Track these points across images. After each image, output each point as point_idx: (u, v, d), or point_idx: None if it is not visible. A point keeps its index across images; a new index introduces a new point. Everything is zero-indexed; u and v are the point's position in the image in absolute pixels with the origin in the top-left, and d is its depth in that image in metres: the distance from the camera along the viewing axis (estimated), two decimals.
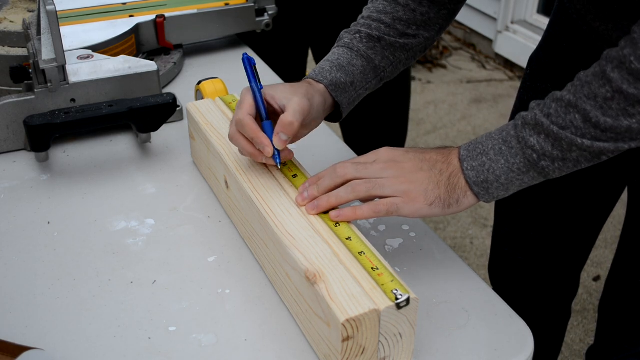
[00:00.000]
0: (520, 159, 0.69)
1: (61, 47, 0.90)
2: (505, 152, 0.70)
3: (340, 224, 0.71)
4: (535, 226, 1.11)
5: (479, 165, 0.70)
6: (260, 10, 1.26)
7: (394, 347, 0.64)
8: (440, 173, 0.72)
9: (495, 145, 0.70)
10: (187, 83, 1.17)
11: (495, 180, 0.70)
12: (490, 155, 0.70)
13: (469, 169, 0.71)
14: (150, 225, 0.85)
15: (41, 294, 0.75)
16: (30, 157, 0.97)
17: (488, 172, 0.70)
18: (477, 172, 0.70)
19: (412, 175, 0.71)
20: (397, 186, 0.71)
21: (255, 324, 0.71)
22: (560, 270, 1.16)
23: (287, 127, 0.74)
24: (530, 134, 0.68)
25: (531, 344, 0.70)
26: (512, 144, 0.69)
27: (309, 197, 0.73)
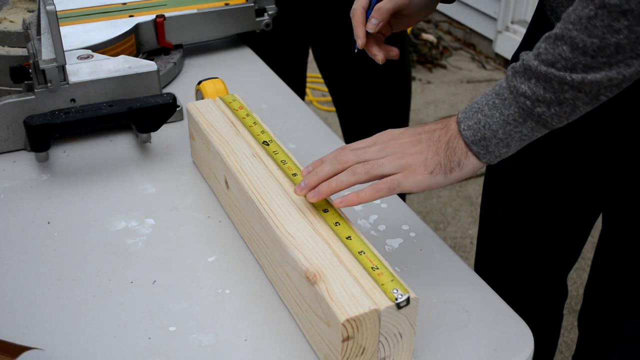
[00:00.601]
0: (514, 109, 0.67)
1: (61, 47, 0.90)
2: (498, 105, 0.68)
3: (340, 224, 0.71)
4: (516, 229, 1.10)
5: (474, 124, 0.69)
6: (260, 10, 1.26)
7: (394, 347, 0.64)
8: (439, 140, 0.71)
9: (489, 100, 0.69)
10: (187, 83, 1.17)
11: (493, 136, 0.68)
12: (485, 111, 0.69)
13: (465, 129, 0.69)
14: (150, 225, 0.85)
15: (41, 294, 0.75)
16: (30, 157, 0.97)
17: (484, 128, 0.68)
18: (473, 131, 0.69)
19: (410, 149, 0.71)
20: (396, 162, 0.70)
21: (255, 324, 0.71)
22: (544, 274, 1.16)
23: (377, 11, 0.86)
24: (521, 81, 0.67)
25: (531, 344, 0.70)
26: (505, 95, 0.68)
27: (306, 185, 0.73)
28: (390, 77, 1.43)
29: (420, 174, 0.70)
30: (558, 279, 1.18)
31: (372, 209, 0.88)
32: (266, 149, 0.82)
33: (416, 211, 1.50)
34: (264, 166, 0.79)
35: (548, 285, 1.18)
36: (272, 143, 0.83)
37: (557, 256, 1.13)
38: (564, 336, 1.90)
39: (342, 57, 1.42)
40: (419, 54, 3.34)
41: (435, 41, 3.44)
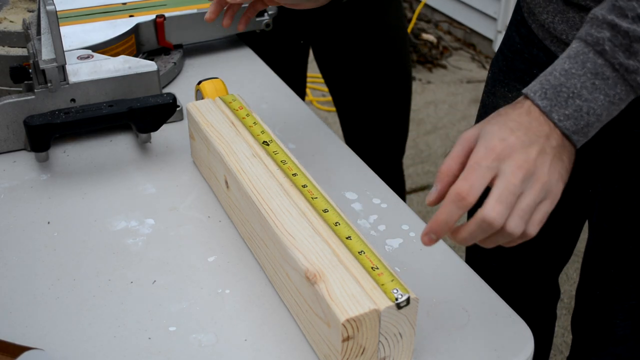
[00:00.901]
0: (620, 88, 0.61)
1: (61, 47, 0.90)
2: (601, 86, 0.60)
3: (340, 223, 0.71)
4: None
5: (574, 112, 0.61)
6: (260, 10, 1.26)
7: (394, 347, 0.64)
8: (556, 148, 0.61)
9: (585, 82, 0.61)
10: (187, 83, 1.17)
11: (597, 120, 0.62)
12: (585, 96, 0.61)
13: (562, 119, 0.61)
14: (150, 225, 0.85)
15: (41, 294, 0.75)
16: (30, 157, 0.97)
17: (588, 114, 0.61)
18: (575, 120, 0.61)
19: (544, 169, 0.60)
20: (542, 194, 0.61)
21: (255, 324, 0.71)
22: (535, 276, 1.15)
23: None
24: (627, 56, 0.59)
25: (531, 344, 0.70)
26: (607, 74, 0.60)
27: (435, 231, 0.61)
28: (390, 77, 1.43)
29: (558, 192, 0.62)
30: (549, 280, 1.18)
31: (372, 209, 0.88)
32: (266, 149, 0.82)
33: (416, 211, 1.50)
34: (264, 166, 0.79)
35: (540, 286, 1.18)
36: (272, 143, 0.84)
37: (547, 258, 1.13)
38: (565, 336, 1.90)
39: (342, 57, 1.42)
40: (419, 54, 3.34)
41: (435, 41, 3.44)
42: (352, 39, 1.38)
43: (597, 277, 0.99)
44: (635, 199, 0.88)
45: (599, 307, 1.00)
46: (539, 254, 1.11)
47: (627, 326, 0.98)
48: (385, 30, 1.38)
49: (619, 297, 0.96)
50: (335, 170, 0.95)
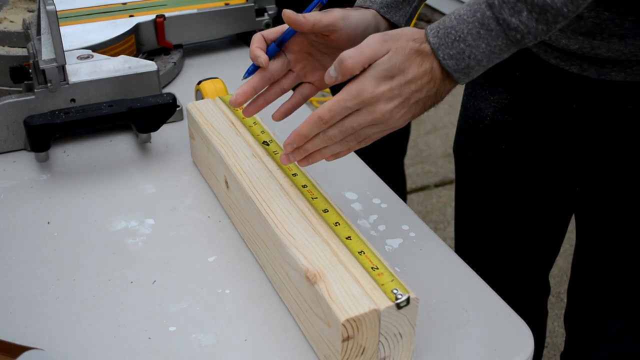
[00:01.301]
0: (502, 41, 0.66)
1: (61, 47, 0.90)
2: (484, 36, 0.66)
3: (340, 224, 0.71)
4: (491, 234, 1.11)
5: (457, 53, 0.67)
6: (260, 10, 1.26)
7: (394, 347, 0.64)
8: (427, 96, 0.69)
9: (471, 29, 0.66)
10: (187, 83, 1.17)
11: (477, 64, 0.67)
12: (469, 41, 0.66)
13: (446, 58, 0.67)
14: (150, 225, 0.85)
15: (41, 294, 0.75)
16: (30, 157, 0.97)
17: (469, 58, 0.67)
18: (456, 60, 0.67)
19: (397, 115, 0.69)
20: (383, 130, 0.70)
21: (255, 324, 0.71)
22: (524, 274, 1.16)
23: (292, 17, 0.72)
24: (510, 14, 0.64)
25: (531, 344, 0.70)
26: (491, 26, 0.65)
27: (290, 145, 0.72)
28: None
29: (396, 127, 0.70)
30: (539, 277, 1.19)
31: (372, 209, 0.88)
32: (266, 149, 0.82)
33: (416, 211, 1.50)
34: (264, 166, 0.79)
35: (529, 284, 1.18)
36: (272, 143, 0.83)
37: (536, 256, 1.14)
38: (564, 336, 1.89)
39: None
40: None
41: None
42: None
43: (590, 274, 0.99)
44: (626, 196, 0.89)
45: (593, 304, 1.00)
46: (527, 251, 1.11)
47: (622, 322, 0.98)
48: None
49: (613, 293, 0.96)
50: (335, 170, 0.95)
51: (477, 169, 1.07)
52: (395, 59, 0.67)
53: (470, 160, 1.07)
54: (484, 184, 1.06)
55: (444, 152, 2.66)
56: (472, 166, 1.07)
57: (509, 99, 0.98)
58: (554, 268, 1.84)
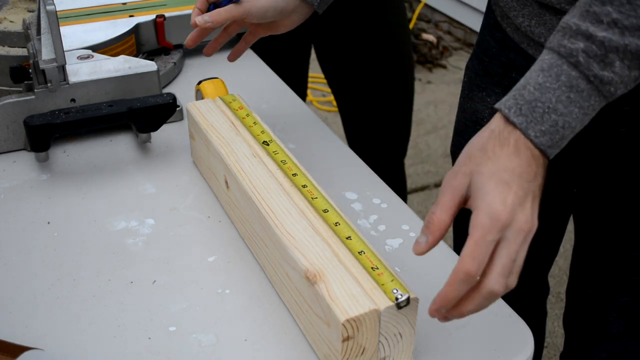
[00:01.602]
0: (594, 99, 0.60)
1: (61, 47, 0.90)
2: (575, 99, 0.59)
3: (340, 224, 0.71)
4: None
5: (550, 127, 0.60)
6: None
7: (394, 347, 0.64)
8: (537, 189, 0.61)
9: (560, 96, 0.59)
10: (187, 83, 1.17)
11: (571, 132, 0.61)
12: (560, 110, 0.59)
13: (539, 136, 0.60)
14: (150, 225, 0.85)
15: (41, 294, 0.75)
16: (30, 157, 0.97)
17: (563, 128, 0.60)
18: (550, 135, 0.60)
19: (534, 226, 0.62)
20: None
21: (255, 324, 0.71)
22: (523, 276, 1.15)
23: (213, 14, 0.89)
24: (601, 68, 0.58)
25: (531, 344, 0.70)
26: (582, 87, 0.59)
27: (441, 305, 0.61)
28: (393, 75, 1.43)
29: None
30: (538, 278, 1.18)
31: (372, 209, 0.88)
32: (266, 149, 0.82)
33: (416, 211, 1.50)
34: (264, 166, 0.79)
35: (528, 285, 1.18)
36: (272, 143, 0.84)
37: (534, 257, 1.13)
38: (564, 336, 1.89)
39: (345, 56, 1.42)
40: (419, 54, 3.34)
41: (435, 41, 3.44)
42: (354, 36, 1.38)
43: (588, 275, 0.99)
44: (623, 197, 0.88)
45: (592, 305, 1.00)
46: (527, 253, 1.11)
47: (621, 323, 0.98)
48: (387, 28, 1.38)
49: (612, 294, 0.96)
50: (335, 170, 0.95)
51: None
52: (491, 181, 0.59)
53: None
54: None
55: (444, 152, 2.66)
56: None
57: None
58: (554, 268, 1.84)
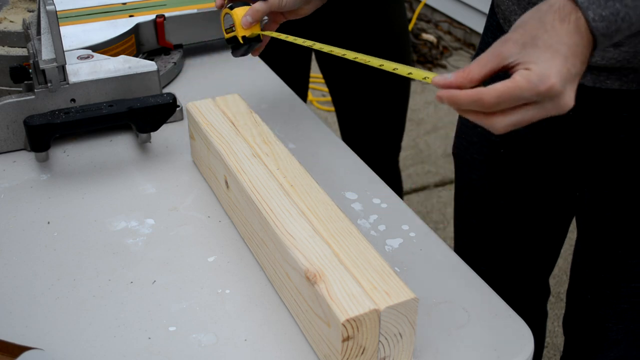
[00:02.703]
0: None
1: (61, 47, 0.90)
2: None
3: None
4: (492, 238, 1.11)
5: (611, 14, 0.59)
6: None
7: (394, 347, 0.64)
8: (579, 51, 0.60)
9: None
10: (187, 83, 1.17)
11: (627, 28, 0.60)
12: (627, 1, 0.58)
13: (597, 20, 0.59)
14: (150, 225, 0.85)
15: (41, 294, 0.75)
16: (30, 157, 0.97)
17: (622, 20, 0.59)
18: (608, 23, 0.59)
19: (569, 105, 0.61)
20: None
21: (255, 324, 0.71)
22: (524, 278, 1.16)
23: (252, 10, 0.93)
24: None
25: (531, 344, 0.70)
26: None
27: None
28: (390, 77, 1.43)
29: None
30: (539, 280, 1.19)
31: (372, 209, 0.88)
32: (266, 148, 0.82)
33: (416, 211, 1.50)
34: (264, 166, 0.79)
35: (529, 287, 1.18)
36: (272, 143, 0.84)
37: (535, 259, 1.14)
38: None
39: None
40: (419, 54, 3.34)
41: (435, 41, 3.44)
42: (353, 34, 1.38)
43: (587, 280, 0.99)
44: (622, 204, 0.88)
45: (591, 311, 1.00)
46: (527, 254, 1.11)
47: (620, 330, 0.98)
48: (387, 26, 1.38)
49: (610, 300, 0.96)
50: (335, 170, 0.95)
51: (475, 173, 1.07)
52: (548, 52, 0.59)
53: (469, 163, 1.07)
54: (484, 188, 1.07)
55: (444, 152, 2.66)
56: (471, 170, 1.07)
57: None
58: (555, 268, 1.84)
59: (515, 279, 1.14)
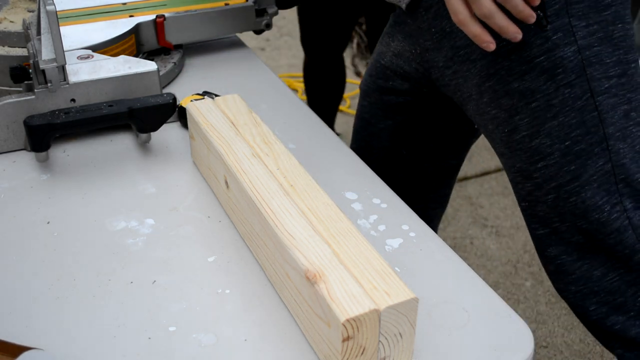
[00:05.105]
0: None
1: (61, 47, 0.90)
2: None
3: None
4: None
5: None
6: (260, 10, 1.26)
7: (394, 347, 0.64)
8: None
9: None
10: (187, 83, 1.17)
11: None
12: None
13: None
14: (150, 225, 0.85)
15: (41, 294, 0.75)
16: (30, 157, 0.97)
17: None
18: None
19: None
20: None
21: (255, 324, 0.71)
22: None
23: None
24: None
25: (531, 344, 0.70)
26: None
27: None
28: None
29: None
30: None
31: (372, 209, 0.88)
32: (266, 148, 0.82)
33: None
34: (264, 166, 0.79)
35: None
36: (273, 143, 0.84)
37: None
38: (564, 336, 1.90)
39: None
40: None
41: None
42: None
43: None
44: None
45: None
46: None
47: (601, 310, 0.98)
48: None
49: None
50: (335, 170, 0.95)
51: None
52: None
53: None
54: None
55: None
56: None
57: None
58: None
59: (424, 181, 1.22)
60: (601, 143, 0.89)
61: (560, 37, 0.86)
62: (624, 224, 0.91)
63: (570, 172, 0.90)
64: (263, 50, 3.73)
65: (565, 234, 0.94)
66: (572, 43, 0.86)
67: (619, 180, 0.90)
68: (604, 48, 0.87)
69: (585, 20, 0.86)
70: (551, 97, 0.88)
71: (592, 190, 0.90)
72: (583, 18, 0.86)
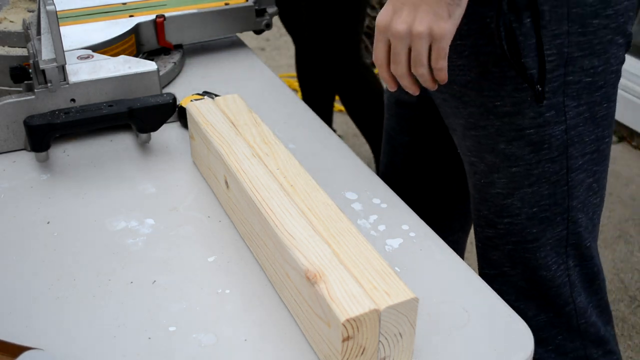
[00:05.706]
0: None
1: (61, 47, 0.90)
2: None
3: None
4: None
5: None
6: (260, 10, 1.26)
7: (394, 347, 0.64)
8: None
9: None
10: (187, 83, 1.17)
11: None
12: None
13: None
14: (150, 225, 0.85)
15: (41, 294, 0.75)
16: (30, 157, 0.97)
17: None
18: None
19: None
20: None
21: (255, 324, 0.71)
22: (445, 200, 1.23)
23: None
24: None
25: (531, 344, 0.70)
26: None
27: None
28: None
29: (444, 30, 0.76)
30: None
31: (372, 209, 0.88)
32: (266, 148, 0.82)
33: None
34: (264, 166, 0.79)
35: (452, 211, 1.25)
36: (273, 143, 0.84)
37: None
38: None
39: None
40: None
41: None
42: None
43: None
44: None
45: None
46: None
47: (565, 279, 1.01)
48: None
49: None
50: (335, 170, 0.95)
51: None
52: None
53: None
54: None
55: None
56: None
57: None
58: None
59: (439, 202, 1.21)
60: (563, 214, 0.94)
61: (552, 115, 0.88)
62: (564, 280, 0.98)
63: (532, 234, 0.95)
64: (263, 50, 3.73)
65: (513, 278, 0.99)
66: (562, 122, 0.88)
67: (570, 244, 0.96)
68: (587, 127, 0.90)
69: (577, 100, 0.88)
70: (532, 168, 0.91)
71: (545, 252, 0.96)
72: (576, 98, 0.88)
